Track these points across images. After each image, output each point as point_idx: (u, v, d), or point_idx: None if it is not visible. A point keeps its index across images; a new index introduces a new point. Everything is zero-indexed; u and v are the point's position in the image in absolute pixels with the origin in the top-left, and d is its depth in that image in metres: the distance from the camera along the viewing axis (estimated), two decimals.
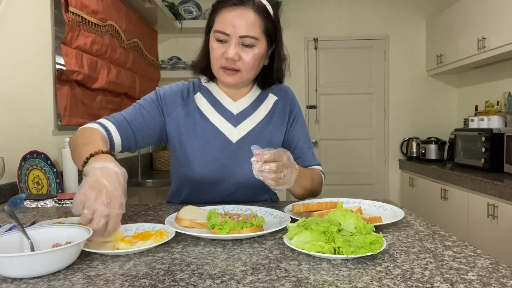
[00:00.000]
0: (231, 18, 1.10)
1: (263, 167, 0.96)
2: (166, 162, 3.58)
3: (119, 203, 0.79)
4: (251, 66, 1.15)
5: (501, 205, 2.45)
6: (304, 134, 1.34)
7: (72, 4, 2.07)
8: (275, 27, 1.18)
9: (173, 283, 0.65)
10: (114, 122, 1.14)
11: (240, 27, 1.10)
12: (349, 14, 4.19)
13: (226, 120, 1.24)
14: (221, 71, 1.16)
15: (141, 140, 1.19)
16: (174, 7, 3.72)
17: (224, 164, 1.22)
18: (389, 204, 1.11)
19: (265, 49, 1.17)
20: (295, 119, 1.33)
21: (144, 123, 1.18)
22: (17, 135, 1.74)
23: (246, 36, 1.11)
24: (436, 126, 4.20)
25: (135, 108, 1.20)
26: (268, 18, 1.15)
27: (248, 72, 1.16)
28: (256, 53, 1.14)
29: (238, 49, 1.12)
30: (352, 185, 4.22)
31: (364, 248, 0.72)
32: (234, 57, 1.11)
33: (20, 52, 1.78)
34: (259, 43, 1.14)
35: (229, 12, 1.11)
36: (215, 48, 1.14)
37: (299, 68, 4.19)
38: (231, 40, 1.11)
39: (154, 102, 1.22)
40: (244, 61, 1.13)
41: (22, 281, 0.67)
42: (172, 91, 1.26)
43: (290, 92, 1.35)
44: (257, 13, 1.12)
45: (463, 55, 3.36)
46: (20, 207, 1.36)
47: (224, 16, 1.12)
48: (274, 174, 0.97)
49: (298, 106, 1.35)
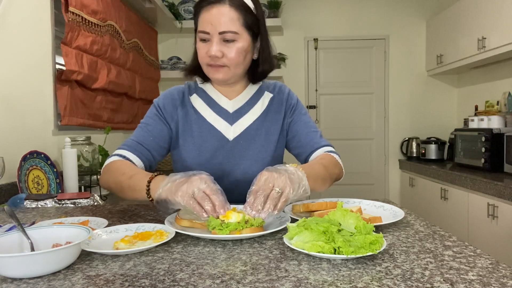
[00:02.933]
0: (209, 17, 1.13)
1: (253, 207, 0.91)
2: (166, 162, 3.57)
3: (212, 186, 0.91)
4: (237, 61, 1.16)
5: (501, 205, 2.45)
6: (307, 120, 1.32)
7: (72, 4, 2.07)
8: (257, 20, 1.19)
9: (173, 283, 0.65)
10: (130, 149, 1.20)
11: (219, 24, 1.12)
12: (349, 14, 4.19)
13: (222, 119, 1.25)
14: (209, 68, 1.18)
15: (157, 154, 1.25)
16: (174, 7, 3.72)
17: (221, 162, 1.23)
18: (389, 204, 1.11)
19: (249, 43, 1.17)
20: (293, 110, 1.32)
21: (154, 139, 1.23)
22: (17, 135, 1.74)
23: (225, 31, 1.12)
24: (436, 126, 4.20)
25: (141, 129, 1.25)
26: (248, 11, 1.15)
27: (235, 67, 1.18)
28: (239, 47, 1.15)
29: (221, 45, 1.14)
30: (352, 185, 4.22)
31: (364, 248, 0.72)
32: (217, 54, 1.13)
33: (20, 52, 1.78)
34: (241, 37, 1.15)
35: (208, 11, 1.13)
36: (200, 48, 1.17)
37: (299, 68, 4.19)
38: (212, 38, 1.13)
39: (156, 115, 1.26)
40: (228, 56, 1.15)
41: (22, 281, 0.67)
42: (168, 97, 1.28)
43: (286, 89, 1.35)
44: (234, 7, 1.13)
45: (463, 55, 3.36)
46: (20, 207, 1.36)
47: (203, 16, 1.14)
48: (267, 209, 0.91)
49: (295, 99, 1.34)
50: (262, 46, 1.23)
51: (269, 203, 0.91)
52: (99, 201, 1.51)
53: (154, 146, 1.23)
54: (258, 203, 0.91)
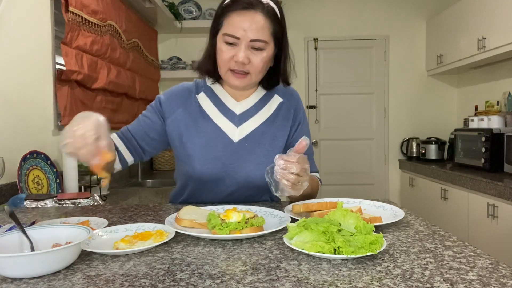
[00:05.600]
0: (241, 22, 1.10)
1: (288, 164, 0.95)
2: (166, 162, 3.58)
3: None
4: (260, 69, 1.16)
5: (501, 205, 2.45)
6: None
7: (72, 4, 2.07)
8: (282, 29, 1.18)
9: (173, 283, 0.65)
10: (119, 134, 1.26)
11: (251, 31, 1.10)
12: (349, 14, 4.19)
13: (228, 120, 1.25)
14: (229, 73, 1.17)
15: (146, 145, 1.27)
16: (174, 7, 3.72)
17: (225, 163, 1.22)
18: (389, 204, 1.11)
19: (273, 52, 1.18)
20: (300, 123, 1.32)
21: (143, 129, 1.26)
22: (17, 135, 1.74)
23: (256, 40, 1.11)
24: (436, 126, 4.20)
25: (138, 119, 1.30)
26: (277, 21, 1.15)
27: (257, 75, 1.17)
28: (265, 56, 1.14)
29: (248, 52, 1.12)
30: (352, 185, 4.22)
31: (364, 248, 0.72)
32: (244, 61, 1.12)
33: (20, 52, 1.78)
34: (268, 46, 1.14)
35: (239, 15, 1.11)
36: (224, 50, 1.14)
37: (299, 68, 4.19)
38: (241, 44, 1.11)
39: (154, 108, 1.29)
40: (254, 64, 1.14)
41: (22, 281, 0.67)
42: (172, 94, 1.29)
43: (295, 95, 1.34)
44: (267, 16, 1.12)
45: (463, 55, 3.36)
46: (20, 207, 1.36)
47: (233, 20, 1.12)
48: (295, 177, 0.96)
49: (303, 110, 1.35)
50: (284, 55, 1.22)
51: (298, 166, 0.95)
52: (99, 201, 1.51)
53: (143, 136, 1.26)
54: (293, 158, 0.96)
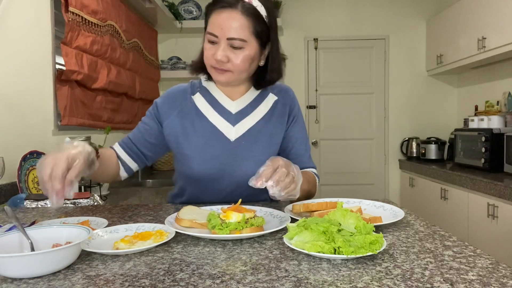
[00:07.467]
0: (219, 20, 1.12)
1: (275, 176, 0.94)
2: (166, 162, 3.58)
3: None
4: (241, 68, 1.16)
5: (501, 205, 2.45)
6: (302, 136, 1.34)
7: (72, 4, 2.07)
8: (268, 29, 1.18)
9: (173, 283, 0.65)
10: (121, 145, 1.29)
11: (228, 29, 1.11)
12: (349, 14, 4.19)
13: (224, 119, 1.25)
14: (212, 70, 1.19)
15: (147, 151, 1.29)
16: (174, 7, 3.72)
17: (222, 162, 1.23)
18: (389, 204, 1.11)
19: (256, 51, 1.17)
20: (294, 119, 1.33)
21: (142, 136, 1.28)
22: (17, 135, 1.74)
23: (233, 38, 1.12)
24: (436, 126, 4.20)
25: (138, 126, 1.32)
26: (259, 19, 1.15)
27: (239, 73, 1.18)
28: (245, 55, 1.14)
29: (227, 50, 1.13)
30: (352, 185, 4.22)
31: (364, 248, 0.72)
32: (222, 59, 1.13)
33: (20, 52, 1.78)
34: (249, 45, 1.14)
35: (218, 14, 1.13)
36: (207, 48, 1.17)
37: (299, 68, 4.19)
38: (220, 42, 1.13)
39: (151, 113, 1.31)
40: (234, 62, 1.15)
41: (22, 281, 0.67)
42: (168, 96, 1.30)
43: (290, 93, 1.35)
44: (246, 15, 1.12)
45: (463, 55, 3.36)
46: (20, 207, 1.36)
47: (214, 18, 1.14)
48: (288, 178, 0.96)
49: (298, 107, 1.35)
50: (273, 55, 1.23)
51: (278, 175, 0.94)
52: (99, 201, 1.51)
53: (143, 143, 1.28)
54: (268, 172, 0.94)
